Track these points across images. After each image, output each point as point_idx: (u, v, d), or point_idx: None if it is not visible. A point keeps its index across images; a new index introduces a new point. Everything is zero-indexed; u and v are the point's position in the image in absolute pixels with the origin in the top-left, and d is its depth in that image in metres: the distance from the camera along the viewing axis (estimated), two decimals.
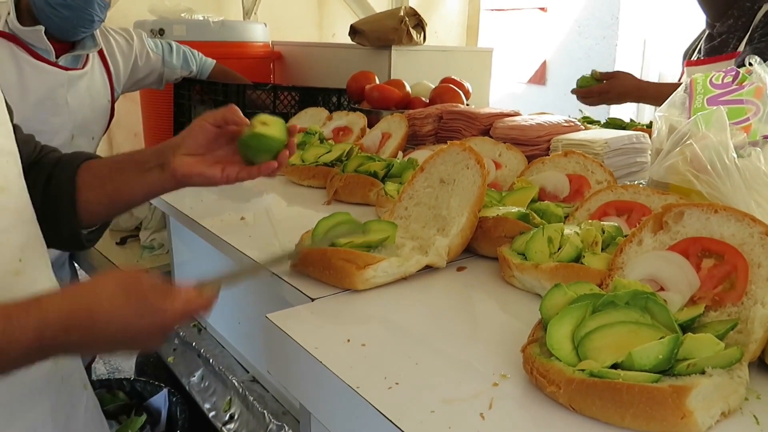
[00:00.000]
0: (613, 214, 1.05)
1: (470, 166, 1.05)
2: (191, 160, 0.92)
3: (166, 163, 0.91)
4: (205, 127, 0.92)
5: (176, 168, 0.91)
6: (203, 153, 0.93)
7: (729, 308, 0.73)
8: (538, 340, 0.70)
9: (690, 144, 1.04)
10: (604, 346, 0.64)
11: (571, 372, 0.62)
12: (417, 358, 0.73)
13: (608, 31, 5.18)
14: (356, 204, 1.36)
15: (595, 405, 0.60)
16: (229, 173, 0.93)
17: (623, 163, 1.45)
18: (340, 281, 0.91)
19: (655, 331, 0.65)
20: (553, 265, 0.88)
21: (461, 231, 1.00)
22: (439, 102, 1.96)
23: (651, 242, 0.83)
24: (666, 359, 0.61)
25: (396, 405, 0.63)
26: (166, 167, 0.91)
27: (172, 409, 1.76)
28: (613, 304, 0.69)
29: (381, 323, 0.83)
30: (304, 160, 1.57)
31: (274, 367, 0.83)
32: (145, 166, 0.93)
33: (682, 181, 1.03)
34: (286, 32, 3.17)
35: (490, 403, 0.64)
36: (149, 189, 0.94)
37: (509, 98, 5.70)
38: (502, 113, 1.68)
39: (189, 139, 0.92)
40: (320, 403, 0.75)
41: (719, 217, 0.78)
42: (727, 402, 0.61)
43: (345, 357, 0.73)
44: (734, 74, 1.22)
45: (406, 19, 2.34)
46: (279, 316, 0.83)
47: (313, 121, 1.95)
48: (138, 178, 0.93)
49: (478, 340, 0.79)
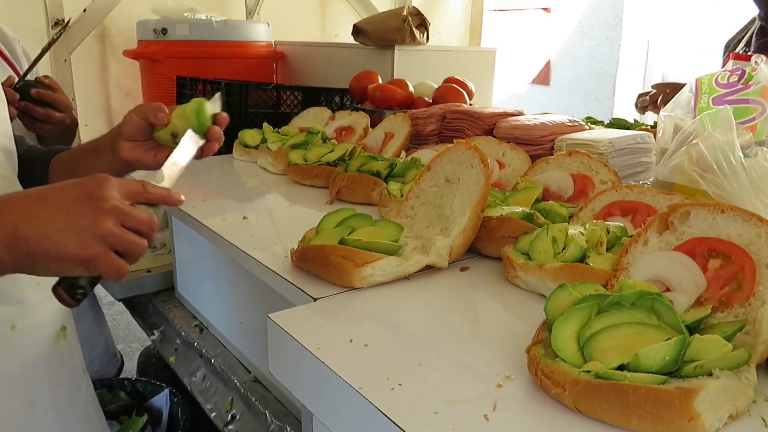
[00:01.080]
0: (617, 215, 1.04)
1: (474, 165, 1.04)
2: (131, 145, 0.98)
3: (115, 148, 0.98)
4: (133, 119, 0.97)
5: (121, 152, 0.98)
6: (142, 139, 0.99)
7: (736, 309, 0.73)
8: (543, 341, 0.69)
9: (696, 143, 1.03)
10: (610, 347, 0.63)
11: (577, 373, 0.62)
12: (420, 359, 0.72)
13: (612, 31, 5.16)
14: (359, 203, 1.35)
15: (600, 407, 0.60)
16: (159, 159, 0.98)
17: (628, 163, 1.44)
18: (339, 278, 0.90)
19: (662, 332, 0.64)
20: (558, 265, 0.87)
21: (463, 231, 0.99)
22: (442, 102, 1.96)
23: (657, 242, 0.82)
24: (673, 361, 0.60)
25: (399, 406, 0.63)
26: (115, 151, 0.98)
27: (173, 409, 1.75)
28: (619, 304, 0.68)
29: (384, 324, 0.83)
30: (306, 159, 1.57)
31: (275, 367, 0.82)
32: (101, 151, 1.01)
33: (688, 180, 1.02)
34: (288, 32, 3.16)
35: (494, 404, 0.63)
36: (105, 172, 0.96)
37: (513, 98, 5.69)
38: (505, 113, 1.67)
39: (125, 127, 0.98)
40: (322, 404, 0.74)
41: (726, 217, 0.77)
42: (734, 404, 0.60)
43: (348, 357, 0.72)
44: (740, 73, 1.21)
45: (410, 18, 2.34)
46: (281, 316, 0.82)
47: (315, 121, 1.95)
48: (95, 162, 1.01)
49: (481, 341, 0.78)
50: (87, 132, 2.03)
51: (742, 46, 2.02)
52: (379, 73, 2.18)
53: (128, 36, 2.77)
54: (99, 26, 2.74)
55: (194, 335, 1.70)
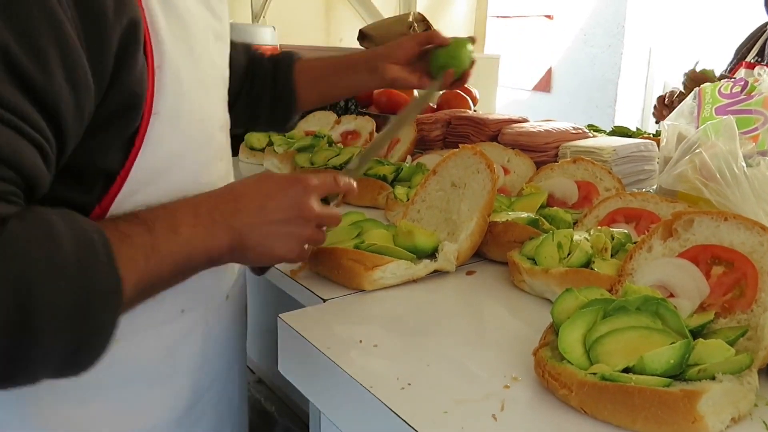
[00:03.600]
0: (621, 221, 1.06)
1: (480, 171, 1.06)
2: (397, 68, 1.17)
3: (376, 68, 1.16)
4: (413, 46, 1.17)
5: (386, 72, 1.16)
6: (405, 64, 1.17)
7: (738, 315, 0.74)
8: (550, 344, 0.71)
9: (699, 152, 1.05)
10: (616, 350, 0.65)
11: (583, 375, 0.63)
12: (428, 360, 0.74)
13: (614, 39, 5.18)
14: (365, 207, 1.37)
15: (606, 408, 0.61)
16: (423, 82, 1.20)
17: (631, 170, 1.46)
18: (349, 281, 0.92)
19: (666, 336, 0.66)
20: (563, 270, 0.89)
21: (471, 235, 1.01)
22: (447, 108, 1.98)
23: (661, 249, 0.84)
24: (677, 364, 0.61)
25: (409, 405, 0.64)
26: (375, 71, 1.16)
27: None
28: (624, 309, 0.69)
29: (392, 325, 0.84)
30: (313, 162, 1.59)
31: (285, 367, 0.84)
32: (356, 68, 1.19)
33: (691, 189, 1.04)
34: (294, 36, 3.18)
35: (502, 404, 0.65)
36: (357, 87, 1.23)
37: (514, 105, 5.70)
38: (510, 119, 1.69)
39: (399, 51, 1.16)
40: (333, 404, 0.76)
41: (729, 225, 0.79)
42: (737, 407, 0.61)
43: (357, 357, 0.74)
44: (743, 84, 1.23)
45: (415, 25, 2.35)
46: (291, 316, 0.83)
47: (321, 125, 1.96)
48: (348, 78, 1.19)
49: (488, 343, 0.80)
50: None
51: (753, 54, 2.03)
52: None
53: None
54: None
55: None
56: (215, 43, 0.85)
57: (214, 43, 0.85)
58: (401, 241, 0.96)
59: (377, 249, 0.93)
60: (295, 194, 0.76)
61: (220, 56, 0.89)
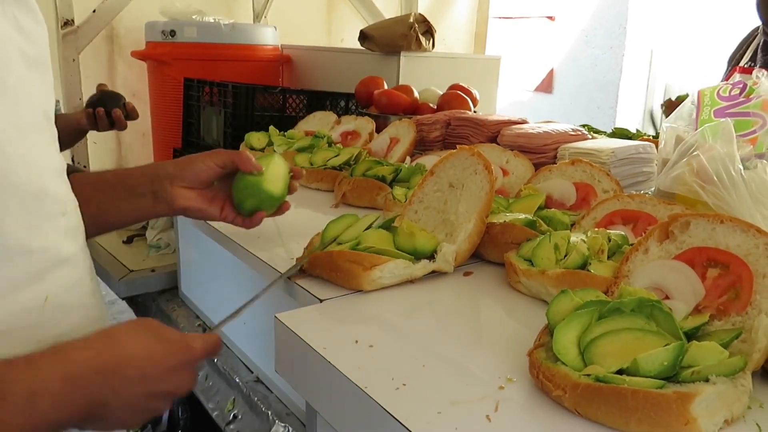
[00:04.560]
0: (619, 223, 1.06)
1: (478, 171, 1.06)
2: (191, 194, 0.94)
3: (161, 192, 0.92)
4: (211, 167, 0.94)
5: (175, 200, 0.93)
6: (201, 188, 0.96)
7: (733, 318, 0.74)
8: (545, 345, 0.71)
9: (697, 155, 1.05)
10: (610, 352, 0.65)
11: (577, 377, 0.63)
12: (424, 361, 0.74)
13: (615, 40, 5.19)
14: (364, 207, 1.37)
15: (600, 409, 0.61)
16: (227, 215, 0.99)
17: (629, 172, 1.46)
18: (348, 282, 0.92)
19: (661, 338, 0.66)
20: (560, 271, 0.89)
21: (468, 237, 1.01)
22: (447, 108, 1.98)
23: (657, 251, 0.84)
24: (671, 366, 0.62)
25: (404, 405, 0.64)
26: (160, 195, 0.92)
27: (173, 407, 1.77)
28: (619, 310, 0.70)
29: (389, 326, 0.84)
30: (312, 163, 1.59)
31: (281, 366, 0.84)
32: (136, 190, 0.92)
33: (689, 191, 1.04)
34: (295, 36, 3.18)
35: (496, 405, 0.65)
36: (140, 214, 0.94)
37: (515, 106, 5.71)
38: (509, 121, 1.69)
39: (190, 173, 0.93)
40: (328, 404, 0.76)
41: (725, 228, 0.79)
42: (730, 410, 0.62)
43: (353, 358, 0.74)
44: (741, 87, 1.23)
45: (416, 25, 2.36)
46: (288, 316, 0.84)
47: (320, 125, 1.97)
48: (127, 201, 0.92)
49: (484, 344, 0.80)
50: (92, 132, 2.05)
51: (746, 60, 2.03)
52: (385, 78, 2.20)
53: (136, 37, 2.79)
54: (107, 27, 2.76)
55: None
56: (28, 71, 0.69)
57: (28, 72, 0.69)
58: (402, 242, 0.96)
59: (374, 250, 0.93)
60: (181, 368, 0.70)
61: (38, 87, 0.72)
